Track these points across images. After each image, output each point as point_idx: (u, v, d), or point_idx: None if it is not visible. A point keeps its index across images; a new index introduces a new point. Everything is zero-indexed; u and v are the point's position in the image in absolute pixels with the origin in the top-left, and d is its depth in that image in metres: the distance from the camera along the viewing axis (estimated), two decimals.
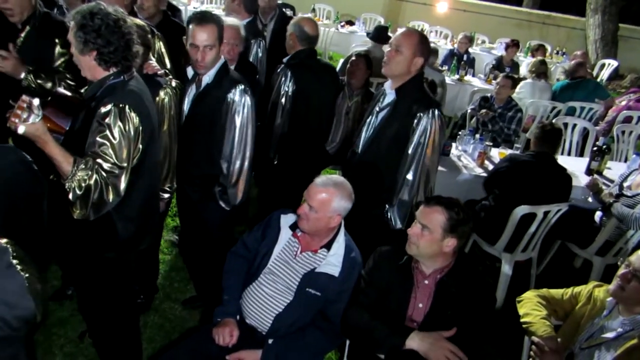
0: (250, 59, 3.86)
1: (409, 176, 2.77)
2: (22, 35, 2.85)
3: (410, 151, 2.75)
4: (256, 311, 2.38)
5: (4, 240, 1.30)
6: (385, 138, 2.82)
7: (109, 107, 2.04)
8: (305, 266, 2.39)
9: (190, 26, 2.66)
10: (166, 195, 2.85)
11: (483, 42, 10.50)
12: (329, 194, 2.33)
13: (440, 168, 4.25)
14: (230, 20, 3.09)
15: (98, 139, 2.03)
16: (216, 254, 2.84)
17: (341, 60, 5.74)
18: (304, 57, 3.51)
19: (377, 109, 2.91)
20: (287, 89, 3.40)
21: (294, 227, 2.46)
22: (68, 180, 1.97)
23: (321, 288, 2.33)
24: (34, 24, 2.86)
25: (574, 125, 5.74)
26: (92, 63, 2.10)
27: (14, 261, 1.29)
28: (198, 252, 3.19)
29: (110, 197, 2.06)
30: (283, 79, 3.45)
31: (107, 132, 2.03)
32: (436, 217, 2.19)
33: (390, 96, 2.84)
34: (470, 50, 8.45)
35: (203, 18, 2.65)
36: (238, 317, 2.41)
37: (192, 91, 2.84)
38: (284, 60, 3.51)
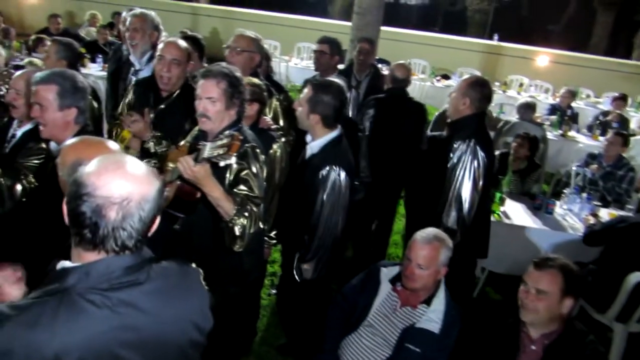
0: None
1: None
2: (165, 104, 3.07)
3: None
4: None
5: (193, 264, 1.48)
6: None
7: (243, 148, 2.25)
8: (405, 321, 2.39)
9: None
10: (272, 242, 3.00)
11: (588, 96, 10.07)
12: (435, 248, 2.35)
13: (542, 227, 4.14)
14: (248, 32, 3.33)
15: (242, 176, 2.26)
16: (310, 304, 2.90)
17: (436, 113, 5.79)
18: (392, 93, 4.05)
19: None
20: (368, 115, 3.85)
21: (394, 280, 2.49)
22: (232, 219, 2.17)
23: (420, 344, 2.32)
24: (178, 94, 3.08)
25: None
26: (232, 113, 2.36)
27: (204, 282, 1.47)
28: (293, 300, 3.27)
29: (254, 228, 2.26)
30: (367, 109, 3.98)
31: (248, 170, 2.26)
32: (552, 279, 2.12)
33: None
34: (573, 104, 8.15)
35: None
36: None
37: (303, 155, 2.84)
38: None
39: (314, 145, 2.73)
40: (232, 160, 1.94)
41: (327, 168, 2.61)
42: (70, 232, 1.24)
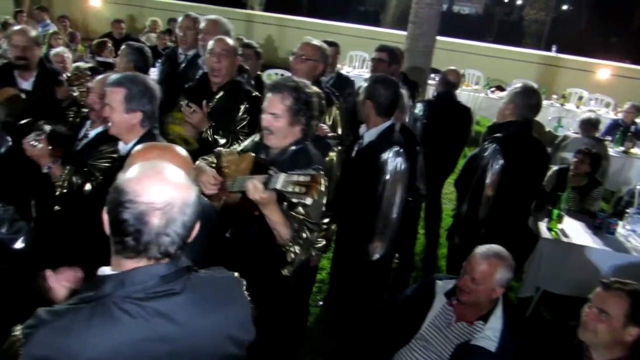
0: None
1: None
2: (216, 98, 3.25)
3: None
4: None
5: (236, 273, 1.46)
6: None
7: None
8: (460, 337, 2.33)
9: None
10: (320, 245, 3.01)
11: None
12: (492, 266, 2.28)
13: (603, 247, 3.96)
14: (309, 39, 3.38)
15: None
16: (371, 286, 3.06)
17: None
18: (442, 95, 4.60)
19: None
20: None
21: (449, 294, 2.43)
22: (286, 244, 2.18)
23: None
24: (228, 89, 3.26)
25: None
26: (296, 130, 2.32)
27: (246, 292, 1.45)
28: (350, 292, 3.30)
29: (305, 255, 2.30)
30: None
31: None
32: (617, 302, 2.02)
33: None
34: (637, 120, 7.78)
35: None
36: None
37: (359, 146, 3.10)
38: None
39: (370, 133, 3.02)
40: (308, 202, 1.87)
41: (387, 151, 2.88)
42: (111, 240, 1.23)
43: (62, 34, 8.35)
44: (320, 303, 3.98)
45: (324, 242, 3.04)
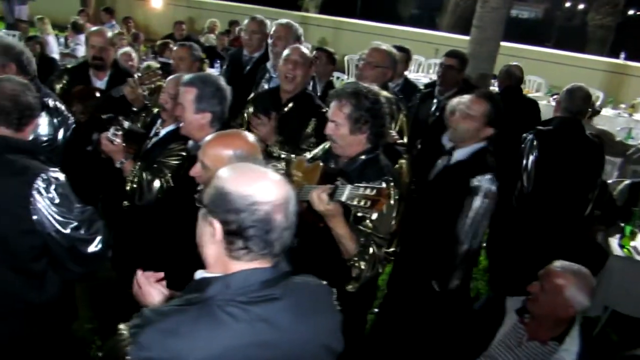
0: None
1: None
2: (286, 109, 3.19)
3: None
4: None
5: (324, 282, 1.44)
6: None
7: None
8: (532, 357, 2.23)
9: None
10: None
11: None
12: (565, 281, 2.17)
13: None
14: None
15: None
16: (446, 316, 2.80)
17: None
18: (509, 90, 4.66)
19: None
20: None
21: (521, 311, 2.33)
22: (352, 259, 2.14)
23: None
24: (298, 101, 3.19)
25: None
26: (360, 139, 2.26)
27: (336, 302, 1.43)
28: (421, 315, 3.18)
29: (372, 272, 2.22)
30: None
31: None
32: None
33: None
34: None
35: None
36: None
37: (444, 163, 2.85)
38: None
39: (463, 152, 2.73)
40: (374, 217, 1.83)
41: (481, 177, 2.61)
42: (223, 246, 1.22)
43: (127, 34, 8.65)
44: (375, 310, 3.93)
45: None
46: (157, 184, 2.72)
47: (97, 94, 3.51)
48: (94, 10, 12.53)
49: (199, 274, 1.27)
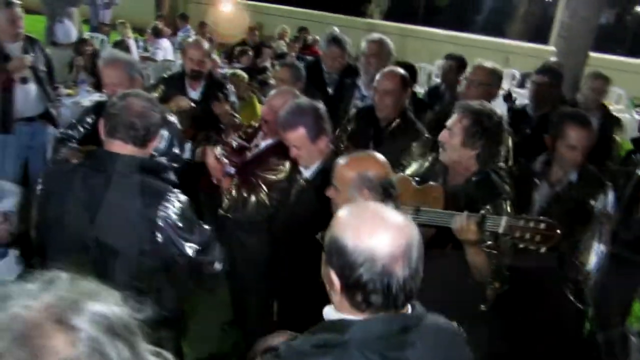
0: None
1: None
2: (385, 132, 3.12)
3: None
4: None
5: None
6: None
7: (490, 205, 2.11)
8: None
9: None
10: None
11: None
12: None
13: None
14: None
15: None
16: None
17: None
18: None
19: None
20: None
21: None
22: (486, 280, 2.11)
23: None
24: (398, 126, 3.11)
25: None
26: (470, 154, 2.23)
27: None
28: None
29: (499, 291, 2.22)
30: None
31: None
32: None
33: None
34: None
35: None
36: None
37: (543, 187, 2.74)
38: None
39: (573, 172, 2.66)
40: (542, 250, 1.77)
41: (601, 196, 2.57)
42: (344, 297, 1.20)
43: (202, 40, 8.87)
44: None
45: None
46: (253, 199, 2.73)
47: (192, 104, 3.57)
48: (168, 14, 12.96)
49: (333, 314, 1.25)
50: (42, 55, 4.10)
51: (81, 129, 2.93)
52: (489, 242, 2.07)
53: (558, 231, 1.74)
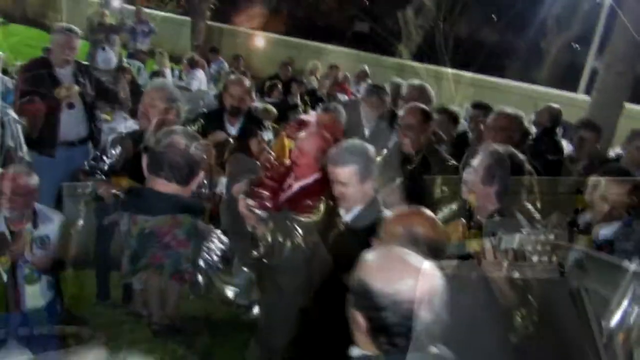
0: None
1: None
2: (412, 165, 3.20)
3: None
4: None
5: None
6: None
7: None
8: None
9: None
10: None
11: None
12: None
13: None
14: None
15: None
16: None
17: None
18: None
19: None
20: None
21: None
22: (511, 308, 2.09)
23: None
24: (423, 159, 3.19)
25: None
26: (490, 192, 2.31)
27: None
28: None
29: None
30: None
31: None
32: None
33: None
34: None
35: None
36: None
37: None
38: None
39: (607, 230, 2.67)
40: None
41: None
42: (371, 338, 1.23)
43: (245, 78, 9.06)
44: None
45: None
46: (288, 244, 2.67)
47: (230, 140, 3.63)
48: (203, 45, 13.28)
49: (358, 353, 1.27)
50: (90, 80, 4.13)
51: (106, 160, 2.98)
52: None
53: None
